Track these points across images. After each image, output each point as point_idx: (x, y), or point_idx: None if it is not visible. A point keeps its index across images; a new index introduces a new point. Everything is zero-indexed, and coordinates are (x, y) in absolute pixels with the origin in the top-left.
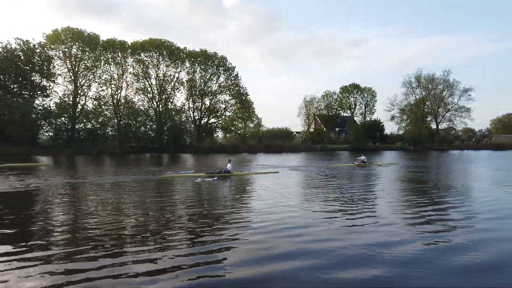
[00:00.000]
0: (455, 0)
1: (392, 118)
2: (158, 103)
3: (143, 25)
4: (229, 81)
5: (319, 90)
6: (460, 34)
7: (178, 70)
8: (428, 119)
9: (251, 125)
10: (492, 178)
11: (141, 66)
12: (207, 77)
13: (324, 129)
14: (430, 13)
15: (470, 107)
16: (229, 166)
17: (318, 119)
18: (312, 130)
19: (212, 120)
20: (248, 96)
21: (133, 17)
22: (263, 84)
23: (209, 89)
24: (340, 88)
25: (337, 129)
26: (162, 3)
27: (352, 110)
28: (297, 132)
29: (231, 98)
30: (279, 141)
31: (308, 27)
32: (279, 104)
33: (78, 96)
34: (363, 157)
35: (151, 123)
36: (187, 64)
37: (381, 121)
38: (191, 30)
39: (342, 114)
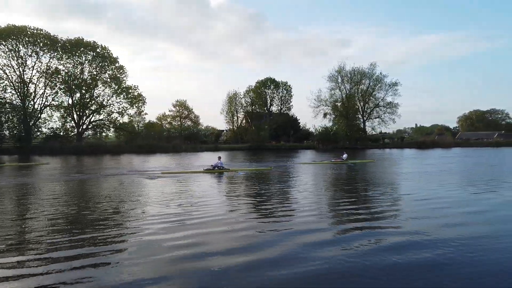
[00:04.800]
0: None
1: (325, 115)
2: (21, 97)
3: (131, 25)
4: (111, 73)
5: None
6: (449, 32)
7: (50, 61)
8: (358, 115)
9: (189, 123)
10: None
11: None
12: (85, 68)
13: (253, 127)
14: (419, 11)
15: (398, 102)
16: (219, 162)
17: (248, 116)
18: (235, 128)
19: (100, 117)
20: (136, 91)
21: (120, 18)
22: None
23: (87, 81)
24: (256, 82)
25: (266, 126)
26: (147, 3)
27: (269, 106)
28: (227, 130)
29: (113, 92)
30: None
31: (295, 27)
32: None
33: None
34: (345, 155)
35: None
36: (60, 54)
37: (297, 118)
38: (179, 30)
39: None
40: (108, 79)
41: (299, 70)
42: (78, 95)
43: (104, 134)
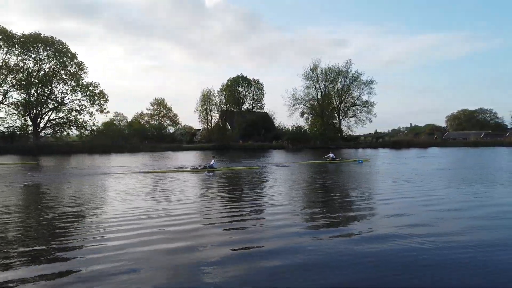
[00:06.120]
0: None
1: (302, 114)
2: None
3: (127, 25)
4: (70, 69)
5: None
6: (446, 32)
7: (6, 56)
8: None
9: (168, 121)
10: None
11: None
12: (43, 64)
13: (229, 126)
14: (416, 12)
15: (374, 101)
16: (213, 161)
17: (222, 115)
18: (209, 127)
19: (60, 115)
20: (98, 88)
21: (116, 18)
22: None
23: (44, 78)
24: (227, 80)
25: (244, 125)
26: (143, 3)
27: (241, 105)
28: (203, 130)
29: (70, 89)
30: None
31: (292, 27)
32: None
33: None
34: (331, 155)
35: None
36: (19, 50)
37: (271, 117)
38: (175, 30)
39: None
40: (64, 76)
41: (296, 70)
42: (33, 92)
43: (65, 133)
